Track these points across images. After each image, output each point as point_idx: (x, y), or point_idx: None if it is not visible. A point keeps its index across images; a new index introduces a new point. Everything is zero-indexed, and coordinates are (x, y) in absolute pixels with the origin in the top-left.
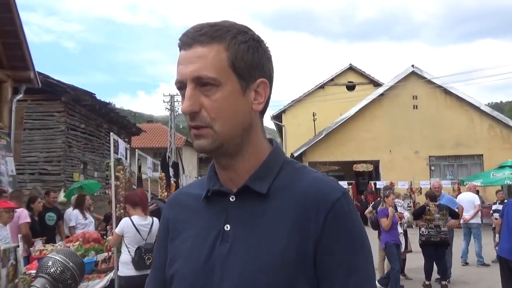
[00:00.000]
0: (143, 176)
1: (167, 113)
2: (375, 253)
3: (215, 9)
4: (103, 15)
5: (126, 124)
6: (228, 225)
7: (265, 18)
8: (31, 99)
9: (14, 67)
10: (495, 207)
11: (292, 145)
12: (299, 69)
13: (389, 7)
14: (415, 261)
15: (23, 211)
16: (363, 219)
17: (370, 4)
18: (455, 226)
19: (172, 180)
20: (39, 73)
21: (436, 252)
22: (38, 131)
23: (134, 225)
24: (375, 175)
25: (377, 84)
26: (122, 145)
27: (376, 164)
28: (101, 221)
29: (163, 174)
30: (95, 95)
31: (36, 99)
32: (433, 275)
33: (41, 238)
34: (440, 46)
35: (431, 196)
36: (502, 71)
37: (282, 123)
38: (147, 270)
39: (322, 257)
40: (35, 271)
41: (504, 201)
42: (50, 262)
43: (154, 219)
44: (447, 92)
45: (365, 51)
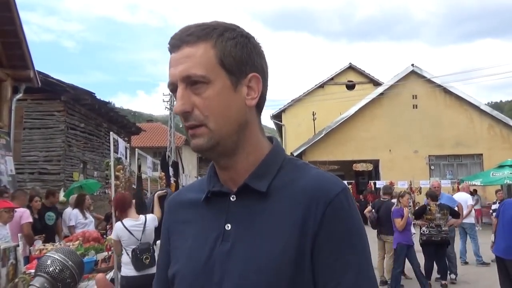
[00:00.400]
0: (143, 175)
1: (167, 113)
2: (374, 253)
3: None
4: (103, 14)
5: (125, 123)
6: (229, 225)
7: (265, 18)
8: (31, 98)
9: (13, 66)
10: (494, 207)
11: (292, 145)
12: (299, 69)
13: (388, 6)
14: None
15: (25, 211)
16: (363, 218)
17: (369, 3)
18: (458, 224)
19: (172, 179)
20: (39, 72)
21: (436, 251)
22: (37, 130)
23: (126, 228)
24: (374, 174)
25: (377, 83)
26: (121, 144)
27: (375, 163)
28: (101, 221)
29: (163, 173)
30: (94, 94)
31: (35, 98)
32: (432, 275)
33: (40, 236)
34: (440, 45)
35: (432, 195)
36: (501, 71)
37: (282, 122)
38: (147, 269)
39: (318, 253)
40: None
41: (503, 200)
42: (49, 261)
43: (147, 217)
44: (446, 91)
45: (365, 51)
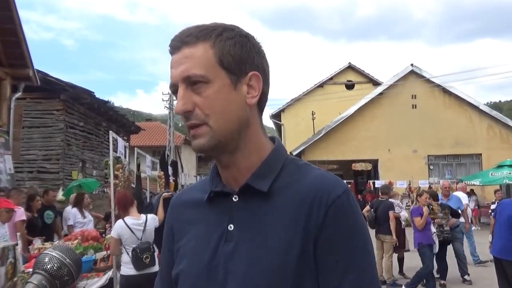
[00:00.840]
0: (142, 174)
1: (166, 112)
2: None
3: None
4: (103, 12)
5: (125, 122)
6: (231, 225)
7: (264, 17)
8: (30, 97)
9: (13, 65)
10: (493, 207)
11: (291, 144)
12: (299, 68)
13: (387, 5)
14: (414, 260)
15: (19, 210)
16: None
17: (368, 2)
18: (467, 228)
19: (171, 178)
20: (38, 71)
21: (437, 251)
22: (37, 129)
23: (128, 226)
24: (374, 174)
25: (376, 83)
26: (121, 143)
27: (375, 163)
28: (100, 220)
29: (162, 172)
30: (94, 93)
31: (35, 97)
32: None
33: (40, 237)
34: (439, 45)
35: (434, 195)
36: (501, 70)
37: (281, 122)
38: (147, 269)
39: (320, 254)
40: None
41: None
42: (46, 258)
43: (148, 217)
44: (446, 91)
45: (364, 50)
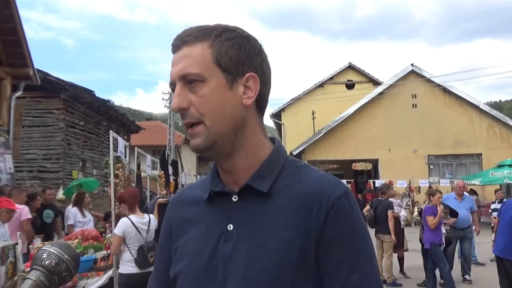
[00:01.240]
0: (142, 174)
1: (166, 111)
2: None
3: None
4: (103, 12)
5: (125, 121)
6: (231, 225)
7: (264, 16)
8: (30, 96)
9: (13, 64)
10: (493, 206)
11: (291, 144)
12: (299, 68)
13: (387, 5)
14: (414, 260)
15: (24, 208)
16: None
17: (368, 2)
18: (478, 230)
19: (171, 178)
20: (38, 71)
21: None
22: (37, 128)
23: (134, 225)
24: (374, 174)
25: (376, 82)
26: (121, 142)
27: (375, 163)
28: (100, 219)
29: (162, 172)
30: (94, 92)
31: (35, 96)
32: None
33: (39, 235)
34: (439, 45)
35: (433, 195)
36: (501, 70)
37: (281, 121)
38: (150, 267)
39: (323, 256)
40: None
41: (503, 200)
42: (44, 254)
43: (150, 217)
44: (446, 91)
45: (364, 50)
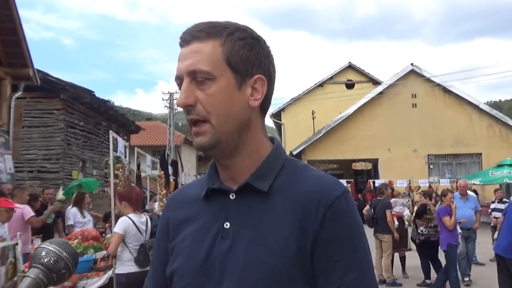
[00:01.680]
0: (142, 174)
1: (166, 111)
2: (372, 252)
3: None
4: (103, 12)
5: (125, 122)
6: (227, 223)
7: (264, 16)
8: (30, 97)
9: (13, 65)
10: (493, 206)
11: (291, 144)
12: (298, 68)
13: (387, 5)
14: (413, 260)
15: (25, 207)
16: (361, 217)
17: (368, 1)
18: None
19: (171, 178)
20: (38, 71)
21: (431, 251)
22: (37, 128)
23: (134, 224)
24: (374, 173)
25: (376, 82)
26: (121, 143)
27: (375, 162)
28: (100, 219)
29: (162, 172)
30: (94, 92)
31: (35, 96)
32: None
33: (38, 236)
34: (439, 44)
35: (430, 195)
36: (501, 70)
37: (281, 121)
38: (148, 266)
39: (319, 254)
40: None
41: (502, 199)
42: (43, 252)
43: (147, 217)
44: (446, 90)
45: (364, 50)
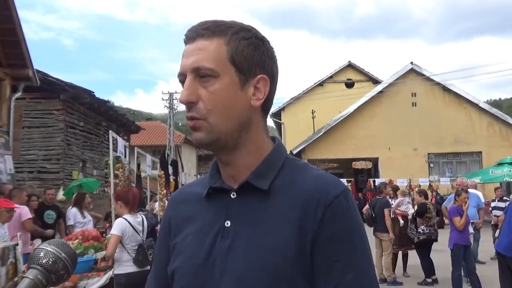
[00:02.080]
0: (142, 174)
1: (166, 111)
2: (372, 250)
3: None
4: (102, 12)
5: (125, 122)
6: (228, 222)
7: (263, 16)
8: (30, 97)
9: (12, 65)
10: (494, 204)
11: (291, 143)
12: (298, 67)
13: (386, 3)
14: (414, 258)
15: (23, 208)
16: (361, 216)
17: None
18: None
19: (171, 178)
20: (38, 71)
21: (429, 249)
22: (37, 129)
23: (131, 225)
24: (374, 172)
25: (376, 81)
26: (121, 143)
27: (375, 161)
28: (100, 219)
29: (162, 172)
30: (94, 93)
31: (34, 97)
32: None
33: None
34: (439, 43)
35: (426, 193)
36: (501, 68)
37: (281, 120)
38: (149, 266)
39: (318, 254)
40: None
41: (502, 198)
42: (42, 253)
43: (143, 217)
44: (446, 89)
45: (364, 49)
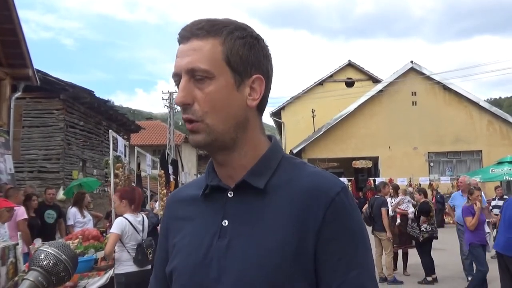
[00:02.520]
0: (142, 173)
1: (166, 111)
2: (372, 249)
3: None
4: (102, 12)
5: (125, 121)
6: (226, 221)
7: (263, 15)
8: (30, 97)
9: (12, 65)
10: (494, 203)
11: (291, 142)
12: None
13: (386, 3)
14: (414, 257)
15: (19, 208)
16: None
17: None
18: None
19: (171, 177)
20: (38, 71)
21: (430, 247)
22: (37, 128)
23: (131, 223)
24: (374, 171)
25: (376, 80)
26: (121, 142)
27: (375, 160)
28: (100, 219)
29: (162, 171)
30: (94, 92)
31: (34, 96)
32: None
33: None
34: (439, 42)
35: (425, 192)
36: (501, 67)
37: (281, 120)
38: (149, 265)
39: (321, 253)
40: None
41: (503, 196)
42: (42, 255)
43: (144, 216)
44: (446, 88)
45: (364, 48)
